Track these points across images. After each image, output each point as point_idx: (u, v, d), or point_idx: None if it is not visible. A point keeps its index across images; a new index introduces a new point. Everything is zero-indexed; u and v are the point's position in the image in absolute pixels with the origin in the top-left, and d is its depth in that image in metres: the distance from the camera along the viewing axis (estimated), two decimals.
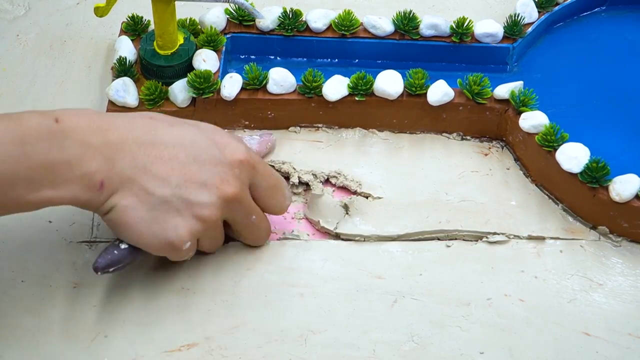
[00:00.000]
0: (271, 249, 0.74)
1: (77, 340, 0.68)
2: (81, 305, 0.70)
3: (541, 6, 0.87)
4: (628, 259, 0.75)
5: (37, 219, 0.75)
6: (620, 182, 0.73)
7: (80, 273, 0.72)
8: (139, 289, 0.71)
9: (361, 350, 0.69)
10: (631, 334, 0.70)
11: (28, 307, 0.70)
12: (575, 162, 0.74)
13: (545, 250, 0.75)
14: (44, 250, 0.73)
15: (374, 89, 0.80)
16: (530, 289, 0.72)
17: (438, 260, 0.74)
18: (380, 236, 0.75)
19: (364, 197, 0.77)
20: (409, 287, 0.72)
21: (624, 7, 0.92)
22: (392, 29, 0.84)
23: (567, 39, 0.89)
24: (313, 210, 0.76)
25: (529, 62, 0.87)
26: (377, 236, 0.75)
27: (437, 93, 0.79)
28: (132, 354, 0.68)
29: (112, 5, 0.77)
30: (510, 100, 0.79)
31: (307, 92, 0.79)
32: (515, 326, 0.70)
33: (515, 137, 0.80)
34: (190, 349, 0.68)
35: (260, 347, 0.68)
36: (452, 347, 0.69)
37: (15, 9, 0.93)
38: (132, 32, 0.84)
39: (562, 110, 0.82)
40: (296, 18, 0.84)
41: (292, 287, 0.72)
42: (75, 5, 0.94)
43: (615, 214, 0.74)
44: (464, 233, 0.75)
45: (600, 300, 0.72)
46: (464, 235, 0.75)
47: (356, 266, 0.73)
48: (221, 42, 0.83)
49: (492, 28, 0.84)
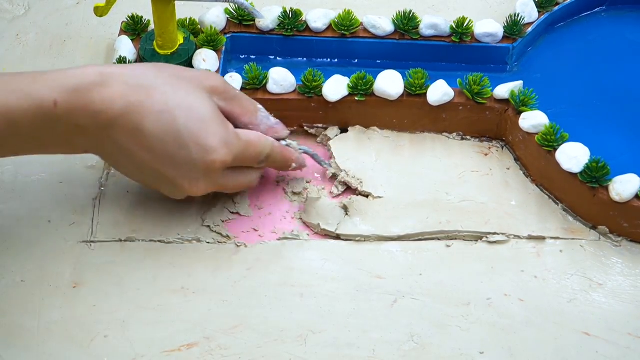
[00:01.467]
0: (271, 249, 0.74)
1: (77, 340, 0.68)
2: (81, 305, 0.70)
3: (541, 6, 0.87)
4: (628, 259, 0.74)
5: (37, 219, 0.75)
6: (620, 182, 0.73)
7: (80, 273, 0.72)
8: (139, 288, 0.71)
9: (361, 350, 0.69)
10: (631, 334, 0.70)
11: (28, 307, 0.70)
12: (575, 162, 0.74)
13: (545, 250, 0.75)
14: (44, 250, 0.73)
15: (374, 89, 0.80)
16: (530, 288, 0.72)
17: (438, 260, 0.74)
18: (381, 236, 0.75)
19: (364, 196, 0.77)
20: (409, 287, 0.72)
21: (624, 7, 0.92)
22: (392, 29, 0.84)
23: (567, 39, 0.89)
24: (310, 214, 0.76)
25: (529, 62, 0.87)
26: (378, 236, 0.75)
27: (437, 93, 0.79)
28: (132, 354, 0.68)
29: (112, 5, 0.77)
30: (510, 100, 0.79)
31: (307, 92, 0.79)
32: (515, 326, 0.70)
33: (515, 137, 0.80)
34: (190, 349, 0.68)
35: (260, 347, 0.68)
36: (452, 347, 0.69)
37: (15, 9, 0.93)
38: (132, 32, 0.84)
39: (562, 110, 0.82)
40: (296, 18, 0.84)
41: (292, 287, 0.72)
42: (75, 5, 0.94)
43: (615, 213, 0.74)
44: (464, 234, 0.75)
45: (600, 300, 0.72)
46: (464, 235, 0.75)
47: (356, 266, 0.73)
48: (221, 42, 0.83)
49: (492, 28, 0.84)
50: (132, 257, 0.73)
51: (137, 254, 0.73)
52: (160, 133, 0.68)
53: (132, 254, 0.73)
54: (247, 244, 0.75)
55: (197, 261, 0.73)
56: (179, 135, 0.68)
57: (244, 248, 0.74)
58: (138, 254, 0.73)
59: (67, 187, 0.77)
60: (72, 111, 0.66)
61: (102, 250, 0.74)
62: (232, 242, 0.75)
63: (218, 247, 0.74)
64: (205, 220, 0.75)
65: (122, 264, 0.73)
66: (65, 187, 0.77)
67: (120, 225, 0.75)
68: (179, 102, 0.68)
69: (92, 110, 0.66)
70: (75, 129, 0.67)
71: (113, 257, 0.73)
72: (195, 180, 0.70)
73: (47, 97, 0.65)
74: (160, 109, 0.67)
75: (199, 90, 0.70)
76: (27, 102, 0.65)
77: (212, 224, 0.75)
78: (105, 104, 0.66)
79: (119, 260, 0.73)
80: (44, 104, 0.65)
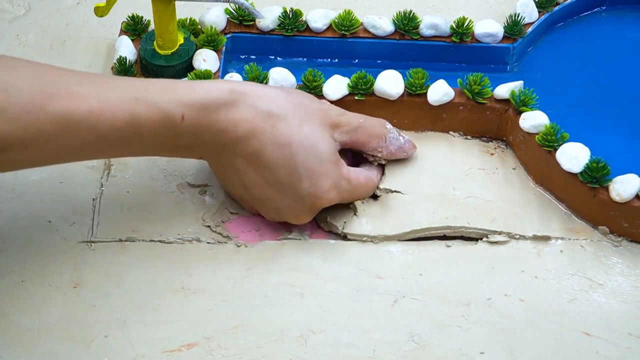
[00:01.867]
0: (271, 249, 0.74)
1: (77, 340, 0.68)
2: (81, 305, 0.70)
3: (541, 6, 0.87)
4: (628, 259, 0.74)
5: (37, 218, 0.75)
6: (621, 182, 0.73)
7: (80, 273, 0.72)
8: (139, 289, 0.71)
9: (361, 350, 0.69)
10: (631, 334, 0.70)
11: (28, 307, 0.70)
12: (576, 162, 0.74)
13: (546, 250, 0.75)
14: (44, 250, 0.73)
15: (374, 88, 0.80)
16: (530, 288, 0.72)
17: (438, 260, 0.74)
18: (388, 236, 0.75)
19: (373, 198, 0.77)
20: (409, 287, 0.72)
21: (624, 7, 0.92)
22: (392, 29, 0.84)
23: (568, 39, 0.89)
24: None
25: (529, 62, 0.87)
26: (385, 236, 0.75)
27: (437, 93, 0.79)
28: (132, 354, 0.68)
29: (112, 5, 0.77)
30: (511, 100, 0.79)
31: (307, 92, 0.79)
32: (516, 326, 0.70)
33: (516, 137, 0.80)
34: (190, 349, 0.68)
35: (260, 347, 0.68)
36: (452, 347, 0.69)
37: (15, 9, 0.93)
38: (132, 32, 0.84)
39: (562, 110, 0.82)
40: (296, 18, 0.84)
41: (292, 287, 0.72)
42: (75, 5, 0.93)
43: (616, 213, 0.74)
44: (470, 230, 0.75)
45: (600, 300, 0.72)
46: (470, 232, 0.75)
47: (356, 266, 0.73)
48: (221, 42, 0.83)
49: (492, 28, 0.84)
50: (132, 257, 0.73)
51: (137, 254, 0.73)
52: (277, 164, 0.69)
53: (132, 254, 0.73)
54: (248, 244, 0.75)
55: (197, 261, 0.73)
56: (295, 170, 0.70)
57: (244, 248, 0.74)
58: (138, 254, 0.73)
59: (67, 187, 0.77)
60: (197, 127, 0.67)
61: (102, 250, 0.74)
62: (233, 242, 0.75)
63: (218, 247, 0.74)
64: (206, 221, 0.75)
65: (122, 264, 0.73)
66: (65, 187, 0.77)
67: (120, 225, 0.75)
68: (301, 139, 0.70)
69: (216, 128, 0.68)
70: (197, 142, 0.69)
71: (113, 257, 0.73)
72: (299, 212, 0.72)
73: (176, 111, 0.66)
74: (282, 142, 0.69)
75: (323, 127, 0.71)
76: (156, 113, 0.66)
77: (212, 224, 0.75)
78: (230, 125, 0.68)
79: (119, 260, 0.73)
80: (171, 117, 0.66)
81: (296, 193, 0.71)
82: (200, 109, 0.67)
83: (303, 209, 0.72)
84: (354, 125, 0.74)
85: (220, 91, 0.68)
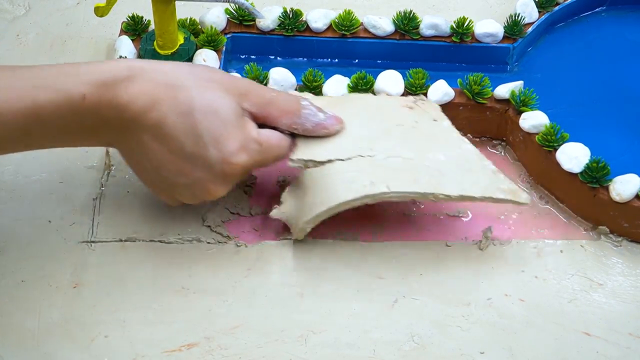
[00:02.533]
0: (271, 249, 0.74)
1: (77, 340, 0.68)
2: (81, 305, 0.70)
3: (541, 6, 0.87)
4: (628, 259, 0.75)
5: (37, 218, 0.75)
6: (621, 182, 0.73)
7: (80, 273, 0.72)
8: (139, 289, 0.71)
9: (361, 350, 0.69)
10: (631, 334, 0.70)
11: (28, 307, 0.70)
12: (576, 162, 0.74)
13: (545, 250, 0.75)
14: (44, 250, 0.73)
15: (375, 88, 0.80)
16: (530, 289, 0.72)
17: (438, 260, 0.74)
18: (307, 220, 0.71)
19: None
20: (409, 287, 0.72)
21: (625, 7, 0.92)
22: (392, 29, 0.84)
23: (568, 39, 0.89)
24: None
25: (529, 62, 0.87)
26: (305, 221, 0.71)
27: (437, 93, 0.79)
28: (132, 354, 0.68)
29: (112, 5, 0.77)
30: (511, 100, 0.79)
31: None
32: (516, 326, 0.70)
33: (516, 137, 0.80)
34: (190, 349, 0.68)
35: (260, 347, 0.68)
36: (452, 347, 0.69)
37: (15, 9, 0.93)
38: (132, 32, 0.84)
39: (562, 110, 0.82)
40: (296, 18, 0.84)
41: (292, 287, 0.72)
42: (75, 5, 0.94)
43: (616, 213, 0.74)
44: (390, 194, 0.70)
45: (600, 300, 0.72)
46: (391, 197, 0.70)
47: (356, 266, 0.73)
48: (221, 42, 0.83)
49: (493, 28, 0.84)
50: (132, 257, 0.73)
51: (137, 254, 0.73)
52: (181, 134, 0.68)
53: (132, 254, 0.73)
54: (248, 244, 0.75)
55: (197, 261, 0.73)
56: (200, 138, 0.68)
57: (244, 248, 0.74)
58: (138, 254, 0.73)
59: (67, 187, 0.77)
60: (99, 105, 0.66)
61: (102, 250, 0.74)
62: (233, 242, 0.75)
63: (218, 247, 0.74)
64: (206, 221, 0.75)
65: (122, 264, 0.73)
66: (65, 187, 0.77)
67: (120, 225, 0.75)
68: (203, 105, 0.68)
69: (117, 104, 0.67)
70: (102, 123, 0.67)
71: (113, 257, 0.73)
72: (212, 183, 0.70)
73: (77, 91, 0.66)
74: (183, 111, 0.67)
75: (227, 94, 0.69)
76: (57, 97, 0.65)
77: (212, 224, 0.75)
78: (131, 98, 0.67)
79: (119, 260, 0.73)
80: (73, 98, 0.66)
81: (205, 162, 0.69)
82: (99, 86, 0.66)
83: (216, 180, 0.70)
84: (266, 98, 0.71)
85: (118, 68, 0.67)
